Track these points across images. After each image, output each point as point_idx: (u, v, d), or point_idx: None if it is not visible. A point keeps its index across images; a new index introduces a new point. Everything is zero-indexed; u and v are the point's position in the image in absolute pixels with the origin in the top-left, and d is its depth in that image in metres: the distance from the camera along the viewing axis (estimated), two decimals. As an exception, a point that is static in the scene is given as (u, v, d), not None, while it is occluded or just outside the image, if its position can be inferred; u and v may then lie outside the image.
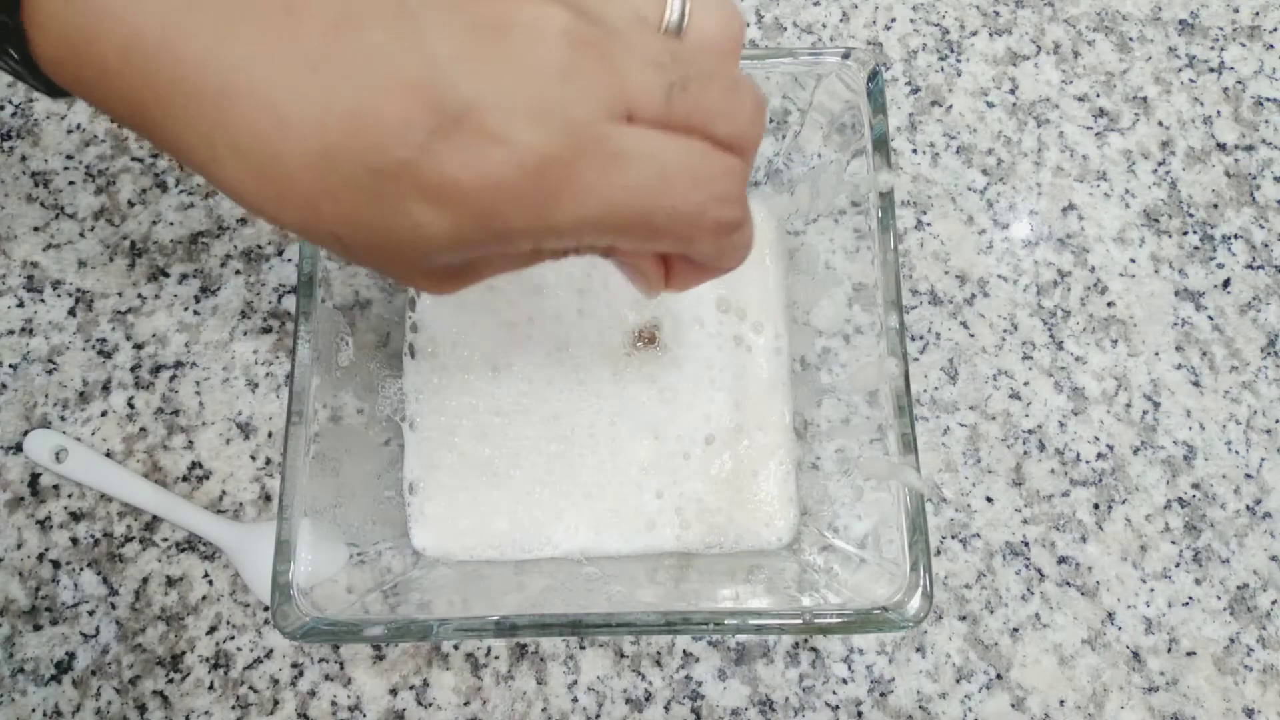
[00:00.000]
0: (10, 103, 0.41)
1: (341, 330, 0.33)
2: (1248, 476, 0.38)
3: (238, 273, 0.39)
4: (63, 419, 0.38)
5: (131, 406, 0.38)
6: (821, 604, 0.31)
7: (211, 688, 0.35)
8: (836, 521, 0.34)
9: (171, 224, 0.40)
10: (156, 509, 0.36)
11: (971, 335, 0.40)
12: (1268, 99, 0.43)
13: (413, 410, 0.37)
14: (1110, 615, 0.37)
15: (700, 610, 0.29)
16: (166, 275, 0.39)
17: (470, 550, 0.36)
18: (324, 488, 0.31)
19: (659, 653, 0.36)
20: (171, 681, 0.35)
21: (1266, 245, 0.41)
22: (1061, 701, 0.36)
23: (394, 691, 0.35)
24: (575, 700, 0.35)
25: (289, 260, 0.40)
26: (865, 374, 0.33)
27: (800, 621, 0.29)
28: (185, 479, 0.37)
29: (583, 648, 0.36)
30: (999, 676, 0.36)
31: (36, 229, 0.40)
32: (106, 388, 0.38)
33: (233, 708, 0.35)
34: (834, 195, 0.35)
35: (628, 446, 0.36)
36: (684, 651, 0.36)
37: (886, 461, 0.31)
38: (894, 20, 0.44)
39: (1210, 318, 0.40)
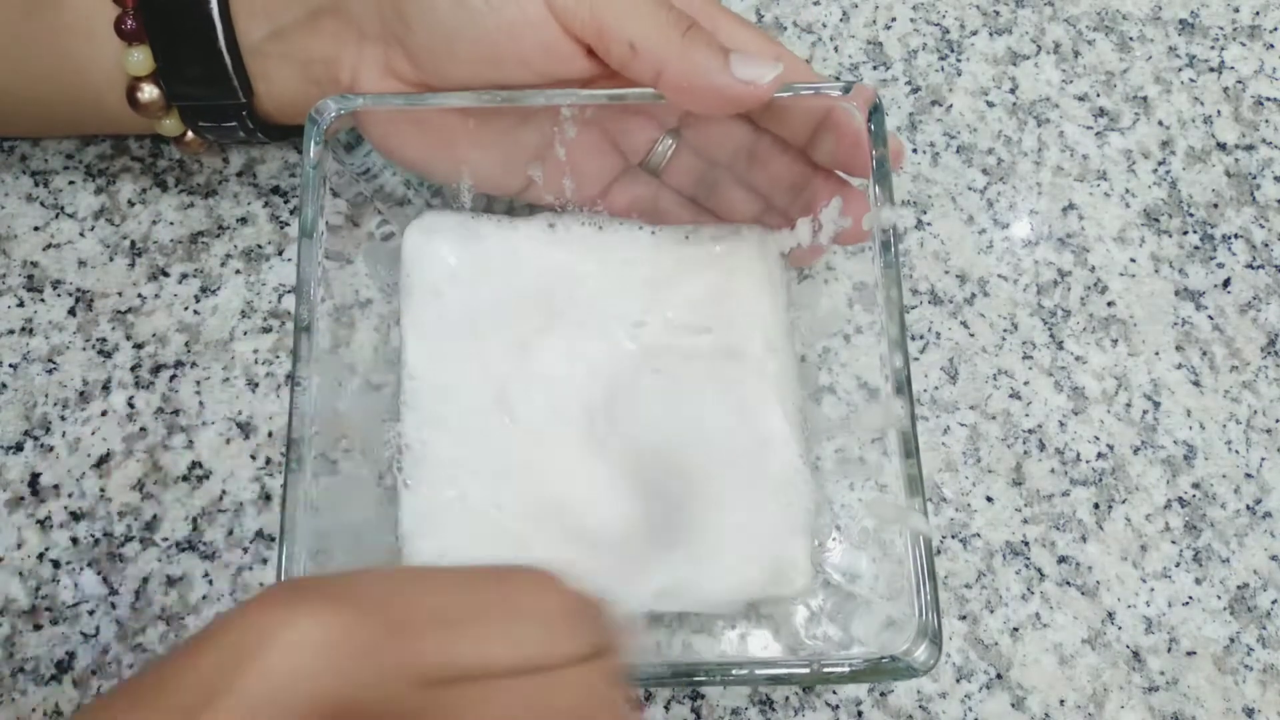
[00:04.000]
0: (10, 102, 0.41)
1: (340, 372, 0.33)
2: (1248, 476, 0.38)
3: (238, 272, 0.39)
4: (63, 418, 0.38)
5: (131, 406, 0.38)
6: (829, 652, 0.31)
7: (211, 687, 0.35)
8: (842, 558, 0.34)
9: (171, 223, 0.40)
10: None
11: (971, 335, 0.40)
12: (1268, 98, 0.43)
13: (408, 465, 0.35)
14: (1110, 615, 0.37)
15: (708, 662, 0.29)
16: (166, 275, 0.39)
17: None
18: (320, 534, 0.30)
19: (658, 645, 0.36)
20: (171, 681, 0.35)
21: (1267, 245, 0.41)
22: (1061, 701, 0.36)
23: (394, 691, 0.35)
24: (575, 700, 0.35)
25: (289, 260, 0.40)
26: (870, 417, 0.32)
27: (808, 671, 0.29)
28: (185, 479, 0.37)
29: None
30: (999, 676, 0.36)
31: (36, 228, 0.40)
32: (106, 387, 0.38)
33: (233, 707, 0.35)
34: (835, 228, 0.34)
35: (637, 496, 0.35)
36: (682, 644, 0.36)
37: (893, 505, 0.30)
38: (894, 20, 0.44)
39: (1210, 317, 0.40)
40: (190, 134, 0.37)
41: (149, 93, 0.34)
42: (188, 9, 0.33)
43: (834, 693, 0.36)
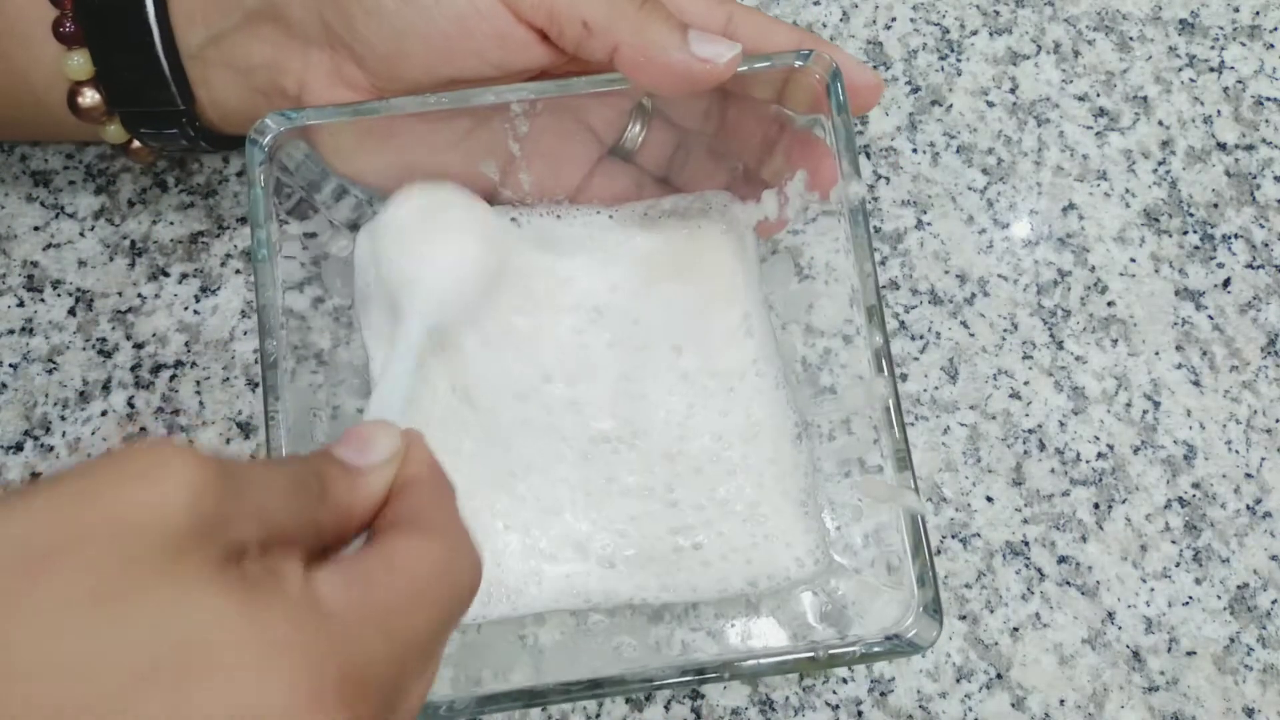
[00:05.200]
0: (10, 102, 0.41)
1: (314, 403, 0.32)
2: (1248, 476, 0.38)
3: (238, 272, 0.39)
4: (63, 418, 0.38)
5: (132, 406, 0.38)
6: (832, 637, 0.31)
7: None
8: (838, 538, 0.34)
9: (171, 223, 0.40)
10: None
11: (971, 335, 0.40)
12: (1268, 98, 0.43)
13: None
14: (1110, 615, 0.37)
15: (715, 660, 0.29)
16: (166, 275, 0.39)
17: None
18: None
19: (658, 643, 0.36)
20: (171, 681, 0.35)
21: (1267, 245, 0.41)
22: (1062, 701, 0.36)
23: (394, 691, 0.35)
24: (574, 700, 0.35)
25: (289, 258, 0.39)
26: (854, 393, 0.32)
27: (813, 656, 0.29)
28: (185, 479, 0.37)
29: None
30: (999, 676, 0.36)
31: (36, 228, 0.40)
32: (106, 387, 0.38)
33: (233, 707, 0.35)
34: (803, 201, 0.34)
35: (630, 489, 0.34)
36: (681, 642, 0.36)
37: (884, 484, 0.30)
38: (894, 20, 0.44)
39: (1210, 317, 0.40)
40: (136, 142, 0.36)
41: (90, 98, 0.33)
42: (123, 12, 0.32)
43: (834, 692, 0.36)
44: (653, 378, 0.35)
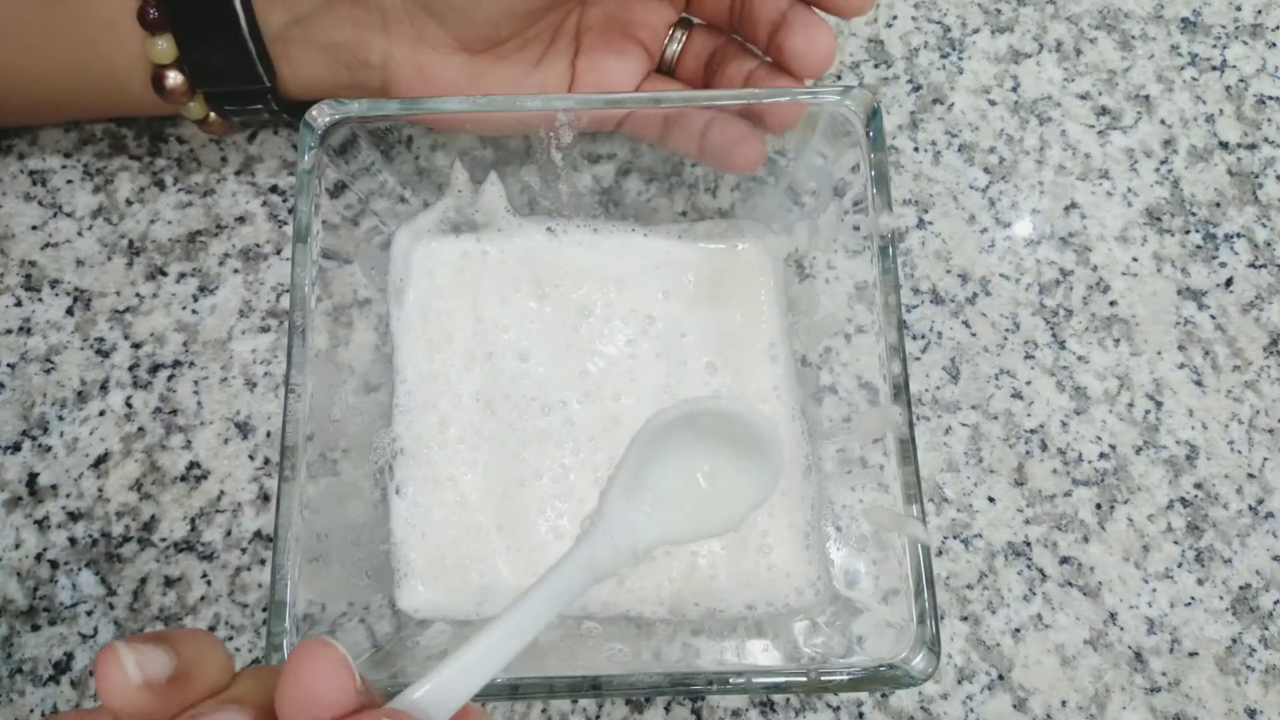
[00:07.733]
0: (7, 101, 0.41)
1: (337, 375, 0.32)
2: (1250, 476, 0.38)
3: (236, 271, 0.39)
4: (60, 418, 0.37)
5: (129, 406, 0.38)
6: (827, 659, 0.30)
7: (210, 688, 0.35)
8: (841, 564, 0.34)
9: (169, 223, 0.40)
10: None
11: (973, 334, 0.39)
12: (1270, 97, 0.43)
13: (401, 469, 0.35)
14: (1112, 615, 0.36)
15: (705, 671, 0.29)
16: (164, 274, 0.39)
17: (461, 610, 0.33)
18: (315, 542, 0.30)
19: (654, 654, 0.36)
20: (170, 682, 0.35)
21: (1269, 244, 0.41)
22: (1063, 702, 0.35)
23: (393, 692, 0.35)
24: (575, 701, 0.35)
25: (287, 259, 0.39)
26: (869, 422, 0.32)
27: (806, 679, 0.28)
28: (183, 479, 0.37)
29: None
30: (1001, 677, 0.36)
31: (34, 228, 0.40)
32: (104, 387, 0.38)
33: (231, 708, 0.35)
34: (834, 234, 0.34)
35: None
36: (683, 644, 0.36)
37: (892, 513, 0.30)
38: (895, 18, 0.43)
39: (1213, 317, 0.40)
40: (214, 115, 0.38)
41: (174, 79, 0.35)
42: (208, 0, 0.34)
43: (834, 694, 0.35)
44: (688, 395, 0.35)
